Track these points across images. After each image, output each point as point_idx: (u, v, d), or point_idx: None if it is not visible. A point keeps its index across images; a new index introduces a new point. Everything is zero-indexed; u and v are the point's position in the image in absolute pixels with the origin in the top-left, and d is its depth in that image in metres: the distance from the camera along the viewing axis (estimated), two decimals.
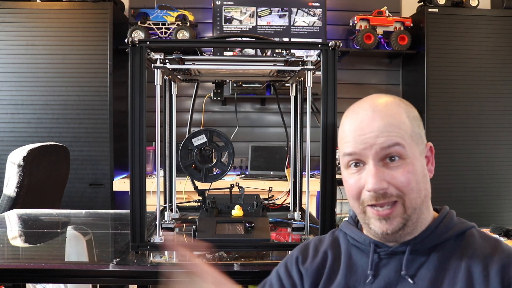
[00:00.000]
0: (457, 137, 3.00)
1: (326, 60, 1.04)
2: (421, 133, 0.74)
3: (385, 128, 0.70)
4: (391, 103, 0.73)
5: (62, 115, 2.81)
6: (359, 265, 0.76)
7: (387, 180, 0.69)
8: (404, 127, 0.71)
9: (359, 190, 0.72)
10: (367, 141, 0.70)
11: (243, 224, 1.14)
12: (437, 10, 2.97)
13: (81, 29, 2.81)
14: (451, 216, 0.75)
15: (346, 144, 0.73)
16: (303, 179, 1.44)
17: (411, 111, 0.75)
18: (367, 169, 0.71)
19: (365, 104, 0.74)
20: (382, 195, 0.69)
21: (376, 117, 0.71)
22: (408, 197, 0.69)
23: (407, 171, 0.69)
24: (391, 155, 0.70)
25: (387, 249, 0.74)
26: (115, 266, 1.01)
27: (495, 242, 0.71)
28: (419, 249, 0.72)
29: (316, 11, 3.12)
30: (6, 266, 1.02)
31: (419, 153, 0.72)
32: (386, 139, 0.69)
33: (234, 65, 1.19)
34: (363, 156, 0.71)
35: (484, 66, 3.00)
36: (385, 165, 0.70)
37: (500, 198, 3.04)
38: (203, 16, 3.26)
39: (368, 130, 0.70)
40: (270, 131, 3.33)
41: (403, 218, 0.70)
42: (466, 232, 0.73)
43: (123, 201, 2.94)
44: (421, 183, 0.71)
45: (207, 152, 1.24)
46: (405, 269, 0.70)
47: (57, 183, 2.31)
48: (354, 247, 0.80)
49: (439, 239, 0.72)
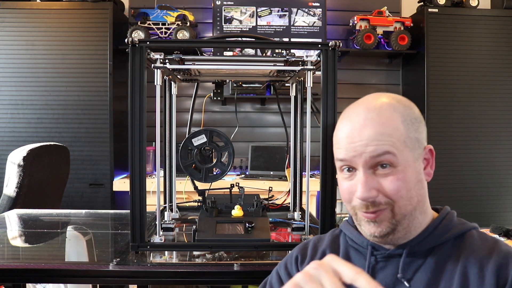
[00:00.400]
0: (457, 137, 2.99)
1: (326, 60, 1.04)
2: (419, 137, 0.72)
3: (375, 137, 0.69)
4: (386, 108, 0.71)
5: (62, 115, 2.81)
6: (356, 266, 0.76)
7: (376, 188, 0.69)
8: (397, 134, 0.69)
9: (351, 195, 0.72)
10: (356, 149, 0.70)
11: (243, 224, 1.14)
12: (437, 10, 2.97)
13: (81, 29, 2.81)
14: (450, 218, 0.74)
15: (338, 150, 0.73)
16: (303, 179, 1.44)
17: (409, 114, 0.72)
18: (357, 177, 0.71)
19: (358, 109, 0.73)
20: (371, 203, 0.69)
21: (368, 125, 0.70)
22: (398, 204, 0.69)
23: (396, 179, 0.68)
24: (381, 163, 0.69)
25: (384, 252, 0.73)
26: (115, 266, 1.01)
27: (493, 243, 0.70)
28: (416, 252, 0.71)
29: (316, 11, 3.12)
30: (6, 266, 1.02)
31: (413, 159, 0.71)
32: (376, 147, 0.68)
33: (234, 65, 1.19)
34: (354, 163, 0.71)
35: (484, 66, 3.00)
36: (375, 172, 0.70)
37: (500, 198, 3.04)
38: (203, 16, 3.26)
39: (358, 139, 0.70)
40: (270, 131, 3.33)
41: (391, 223, 0.70)
42: (465, 234, 0.72)
43: (123, 201, 2.94)
44: (412, 190, 0.70)
45: (207, 152, 1.24)
46: (402, 272, 0.70)
47: (57, 183, 2.31)
48: (352, 248, 0.79)
49: (437, 241, 0.71)
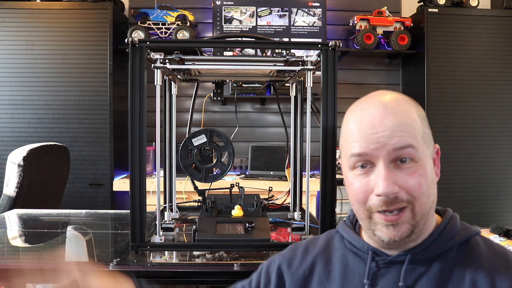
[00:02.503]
0: (457, 137, 2.99)
1: (326, 60, 1.04)
2: (430, 134, 0.69)
3: (398, 128, 0.64)
4: (402, 101, 0.67)
5: (62, 115, 2.81)
6: (356, 272, 0.71)
7: (399, 184, 0.64)
8: (417, 127, 0.65)
9: (367, 194, 0.66)
10: (379, 140, 0.64)
11: (243, 224, 1.14)
12: (437, 10, 2.97)
13: (81, 29, 2.81)
14: (454, 222, 0.70)
15: (353, 144, 0.67)
16: (303, 179, 1.44)
17: (420, 110, 0.69)
18: (376, 171, 0.65)
19: (374, 100, 0.68)
20: (392, 199, 0.63)
21: (389, 115, 0.64)
22: (419, 202, 0.64)
23: (419, 175, 0.64)
24: (403, 157, 0.64)
25: (386, 258, 0.69)
26: (115, 266, 1.00)
27: (503, 254, 0.66)
28: (419, 259, 0.67)
29: (316, 11, 3.12)
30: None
31: (429, 155, 0.67)
32: (400, 139, 0.63)
33: (234, 65, 1.19)
34: (373, 157, 0.65)
35: (484, 66, 3.00)
36: (396, 167, 0.65)
37: (500, 198, 3.04)
38: (203, 16, 3.26)
39: (381, 129, 0.64)
40: (270, 131, 3.33)
41: (411, 225, 0.65)
42: (470, 240, 0.68)
43: (123, 201, 2.94)
44: (431, 188, 0.66)
45: (207, 152, 1.24)
46: (403, 280, 0.65)
47: (57, 183, 2.31)
48: (351, 252, 0.74)
49: (441, 248, 0.67)
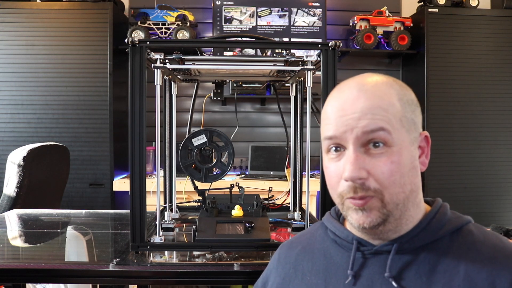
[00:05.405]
0: (457, 137, 3.00)
1: (326, 60, 1.04)
2: (415, 120, 0.66)
3: (369, 110, 0.62)
4: (382, 83, 0.65)
5: (62, 115, 2.81)
6: (339, 264, 0.69)
7: (367, 169, 0.61)
8: (393, 110, 0.62)
9: (338, 179, 0.64)
10: (348, 123, 0.62)
11: (243, 224, 1.14)
12: (437, 10, 2.98)
13: (81, 29, 2.81)
14: (444, 211, 0.67)
15: (327, 127, 0.66)
16: (303, 179, 1.44)
17: (406, 94, 0.66)
18: (346, 155, 0.63)
19: (352, 83, 0.66)
20: (360, 185, 0.61)
21: (361, 97, 0.63)
22: (388, 191, 0.61)
23: (390, 161, 0.61)
24: (374, 140, 0.61)
25: (371, 248, 0.66)
26: (115, 266, 1.00)
27: (499, 242, 0.63)
28: (407, 248, 0.64)
29: (316, 11, 3.12)
30: (6, 266, 1.02)
31: (409, 141, 0.64)
32: (370, 122, 0.61)
33: (234, 65, 1.19)
34: (343, 140, 0.63)
35: (484, 66, 3.00)
36: (367, 151, 0.62)
37: (500, 198, 3.04)
38: (203, 16, 3.26)
39: (350, 111, 0.62)
40: (270, 131, 3.33)
41: (381, 213, 0.62)
42: (462, 229, 0.65)
43: (123, 201, 2.94)
44: (406, 176, 0.62)
45: (207, 152, 1.24)
46: (389, 270, 0.63)
47: (57, 183, 2.31)
48: (334, 243, 0.72)
49: (431, 237, 0.64)
